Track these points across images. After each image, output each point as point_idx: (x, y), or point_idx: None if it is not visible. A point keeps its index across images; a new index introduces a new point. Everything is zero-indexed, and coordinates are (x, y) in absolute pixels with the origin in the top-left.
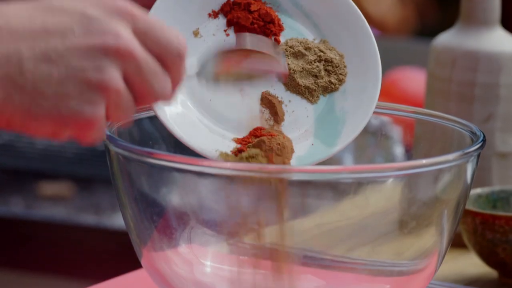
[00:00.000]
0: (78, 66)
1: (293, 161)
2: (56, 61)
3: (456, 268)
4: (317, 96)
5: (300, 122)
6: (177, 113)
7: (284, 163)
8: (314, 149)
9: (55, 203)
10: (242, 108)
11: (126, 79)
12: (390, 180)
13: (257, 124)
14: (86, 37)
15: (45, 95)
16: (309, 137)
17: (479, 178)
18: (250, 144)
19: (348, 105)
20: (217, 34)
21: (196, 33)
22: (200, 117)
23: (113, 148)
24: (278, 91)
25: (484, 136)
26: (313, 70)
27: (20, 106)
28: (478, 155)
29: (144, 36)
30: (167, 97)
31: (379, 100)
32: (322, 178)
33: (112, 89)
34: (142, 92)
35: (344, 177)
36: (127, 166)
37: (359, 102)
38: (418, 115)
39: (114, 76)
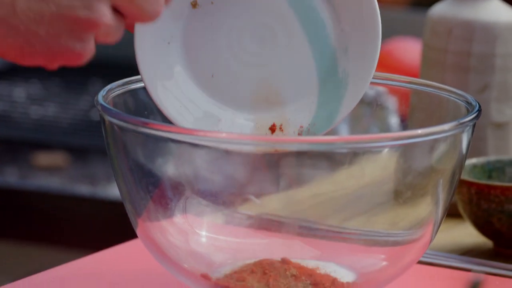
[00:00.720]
0: (68, 5)
1: (296, 135)
2: (47, 1)
3: (451, 238)
4: None
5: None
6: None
7: None
8: (317, 118)
9: (49, 174)
10: (245, 83)
11: (116, 6)
12: (386, 150)
13: (262, 101)
14: None
15: (37, 35)
16: (313, 105)
17: (475, 148)
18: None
19: (350, 67)
20: None
21: None
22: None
23: (108, 118)
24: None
25: (479, 106)
26: None
27: (14, 45)
28: (474, 125)
29: None
30: (158, 15)
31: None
32: (317, 148)
33: (102, 24)
34: (132, 15)
35: (339, 147)
36: (122, 136)
37: (361, 63)
38: (413, 85)
39: (103, 12)
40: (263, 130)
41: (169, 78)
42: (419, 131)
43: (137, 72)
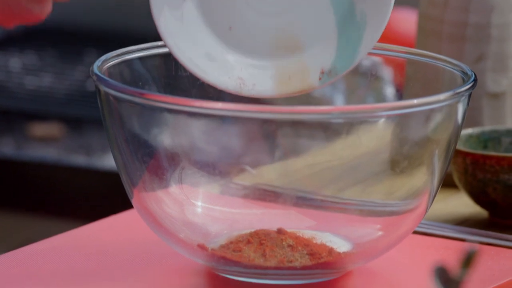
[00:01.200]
0: None
1: (317, 79)
2: None
3: (446, 208)
4: None
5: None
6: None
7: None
8: (337, 61)
9: (45, 144)
10: (264, 33)
11: None
12: (382, 120)
13: (281, 49)
14: None
15: None
16: (332, 48)
17: (470, 118)
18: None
19: (367, 7)
20: None
21: None
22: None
23: (103, 89)
24: None
25: (475, 76)
26: None
27: None
28: (469, 95)
29: None
30: None
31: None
32: (313, 118)
33: None
34: None
35: (335, 117)
36: (118, 106)
37: (378, 3)
38: (409, 55)
39: None
40: (284, 77)
41: (187, 32)
42: (415, 101)
43: (132, 43)
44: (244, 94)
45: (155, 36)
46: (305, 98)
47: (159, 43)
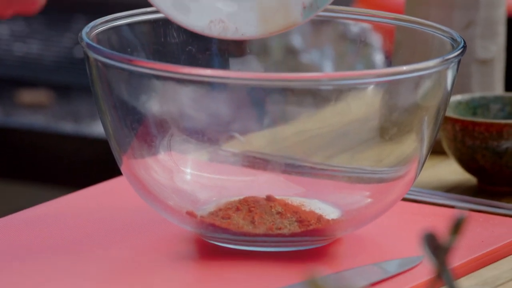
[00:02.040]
0: None
1: (300, 14)
2: None
3: (435, 175)
4: None
5: None
6: None
7: None
8: None
9: (33, 111)
10: None
11: None
12: (371, 87)
13: None
14: None
15: None
16: None
17: (459, 85)
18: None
19: None
20: None
21: None
22: None
23: (92, 55)
24: None
25: (464, 42)
26: None
27: None
28: (459, 62)
29: None
30: None
31: (357, 7)
32: (302, 85)
33: None
34: None
35: (324, 83)
36: (106, 73)
37: None
38: (398, 22)
39: None
40: (267, 15)
41: None
42: (404, 68)
43: (121, 10)
44: (229, 37)
45: (144, 3)
46: (294, 64)
47: (148, 9)
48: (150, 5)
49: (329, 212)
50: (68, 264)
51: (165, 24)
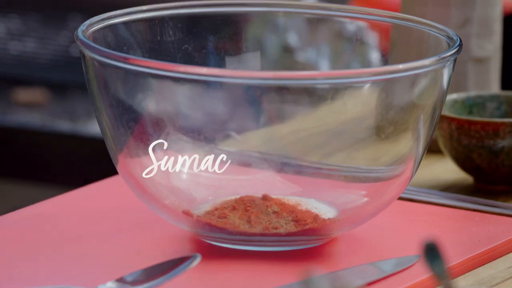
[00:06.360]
0: None
1: None
2: None
3: (431, 174)
4: None
5: None
6: None
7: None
8: None
9: (29, 110)
10: None
11: None
12: (367, 85)
13: None
14: None
15: None
16: None
17: (455, 83)
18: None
19: None
20: None
21: None
22: None
23: (88, 54)
24: None
25: (460, 41)
26: None
27: None
28: (455, 60)
29: None
30: None
31: (354, 5)
32: (298, 84)
33: None
34: None
35: (320, 82)
36: (102, 72)
37: None
38: (394, 20)
39: None
40: None
41: None
42: (400, 66)
43: (117, 8)
44: None
45: (140, 1)
46: (290, 63)
47: (144, 7)
48: (145, 3)
49: (326, 211)
50: (64, 263)
51: (161, 22)
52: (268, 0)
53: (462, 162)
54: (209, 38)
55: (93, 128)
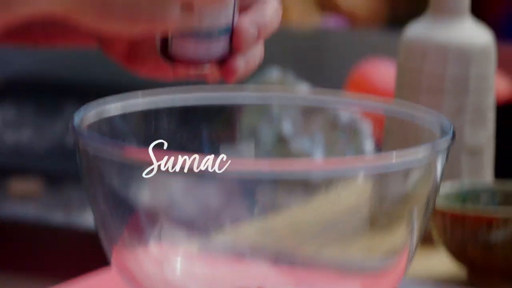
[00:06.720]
0: None
1: None
2: None
3: (425, 266)
4: None
5: None
6: None
7: None
8: None
9: (24, 201)
10: None
11: None
12: (360, 176)
13: None
14: None
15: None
16: None
17: (449, 171)
18: None
19: None
20: None
21: None
22: None
23: (82, 145)
24: None
25: (453, 132)
26: None
27: (91, 10)
28: (448, 150)
29: None
30: None
31: (348, 90)
32: (292, 177)
33: None
34: None
35: (312, 174)
36: (97, 163)
37: None
38: (387, 106)
39: None
40: None
41: None
42: (393, 160)
43: (112, 93)
44: None
45: (134, 86)
46: (284, 152)
47: (139, 99)
48: (140, 88)
49: None
50: None
51: (157, 113)
52: (263, 92)
53: (456, 254)
54: (203, 128)
55: (88, 220)
